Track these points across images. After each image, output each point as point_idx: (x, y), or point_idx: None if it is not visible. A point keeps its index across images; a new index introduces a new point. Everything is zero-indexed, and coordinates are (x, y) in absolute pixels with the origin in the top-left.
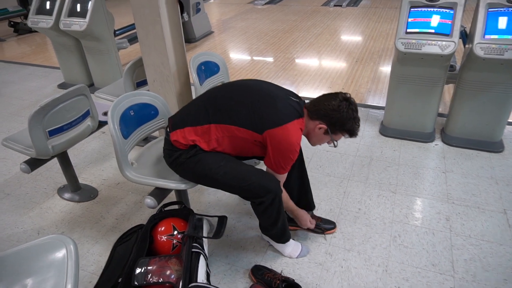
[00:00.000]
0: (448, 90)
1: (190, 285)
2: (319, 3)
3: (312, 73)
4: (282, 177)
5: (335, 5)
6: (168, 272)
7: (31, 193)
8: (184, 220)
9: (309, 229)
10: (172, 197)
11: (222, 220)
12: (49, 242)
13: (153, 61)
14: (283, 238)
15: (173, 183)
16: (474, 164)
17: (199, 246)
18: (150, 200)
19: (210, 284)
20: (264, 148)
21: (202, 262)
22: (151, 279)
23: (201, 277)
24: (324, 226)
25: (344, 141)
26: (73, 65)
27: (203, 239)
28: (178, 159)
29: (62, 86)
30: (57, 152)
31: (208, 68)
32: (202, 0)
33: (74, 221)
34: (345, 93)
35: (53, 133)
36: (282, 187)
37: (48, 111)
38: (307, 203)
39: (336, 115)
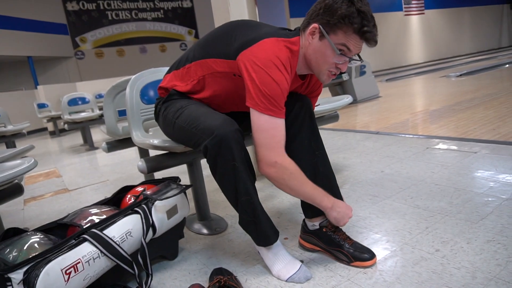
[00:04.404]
0: None
1: (88, 229)
2: None
3: None
4: (273, 123)
5: None
6: (89, 218)
7: None
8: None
9: (327, 250)
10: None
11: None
12: None
13: None
14: (258, 234)
15: (156, 140)
16: None
17: (146, 209)
18: (141, 163)
19: (110, 240)
20: None
21: (129, 219)
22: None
23: (113, 232)
24: (355, 254)
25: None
26: None
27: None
28: (156, 109)
29: None
30: (126, 134)
31: None
32: (369, 64)
33: None
34: None
35: (123, 113)
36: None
37: (119, 91)
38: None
39: (323, 1)
